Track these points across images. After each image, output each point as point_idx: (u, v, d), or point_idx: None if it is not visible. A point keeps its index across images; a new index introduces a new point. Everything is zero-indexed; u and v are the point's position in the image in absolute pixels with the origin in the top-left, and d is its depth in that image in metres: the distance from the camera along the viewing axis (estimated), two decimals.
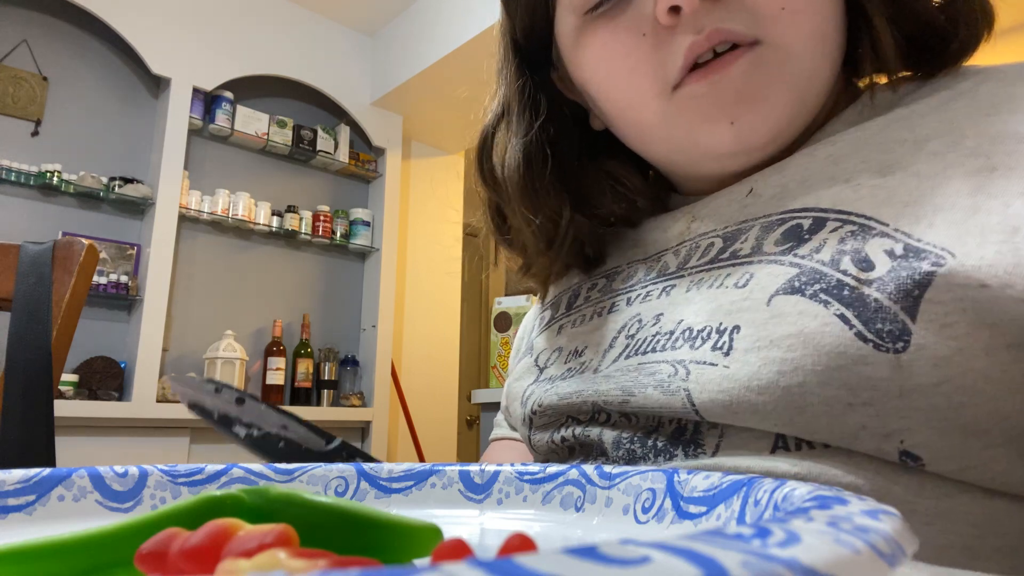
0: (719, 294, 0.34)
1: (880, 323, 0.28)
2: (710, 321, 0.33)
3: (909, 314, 0.27)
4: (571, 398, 0.39)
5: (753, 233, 0.36)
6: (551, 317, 0.47)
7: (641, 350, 0.36)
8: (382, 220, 2.95)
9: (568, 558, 0.08)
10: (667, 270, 0.40)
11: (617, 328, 0.39)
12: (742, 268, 0.34)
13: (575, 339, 0.42)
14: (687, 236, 0.41)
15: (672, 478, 0.24)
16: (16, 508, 0.25)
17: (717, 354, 0.32)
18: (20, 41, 2.31)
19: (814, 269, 0.31)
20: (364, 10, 2.89)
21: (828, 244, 0.31)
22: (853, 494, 0.15)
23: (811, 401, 0.28)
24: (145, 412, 2.21)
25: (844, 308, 0.28)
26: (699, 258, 0.38)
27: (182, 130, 2.44)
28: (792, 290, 0.31)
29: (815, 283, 0.30)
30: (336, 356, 2.79)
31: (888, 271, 0.28)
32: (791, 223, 0.34)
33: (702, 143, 0.39)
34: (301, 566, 0.12)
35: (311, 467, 0.30)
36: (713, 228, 0.39)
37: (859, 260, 0.30)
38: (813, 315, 0.29)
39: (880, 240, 0.30)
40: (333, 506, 0.18)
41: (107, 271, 2.33)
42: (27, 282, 0.69)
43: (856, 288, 0.29)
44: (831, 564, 0.09)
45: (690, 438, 0.34)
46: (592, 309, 0.43)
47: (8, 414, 0.62)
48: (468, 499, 0.29)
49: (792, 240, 0.33)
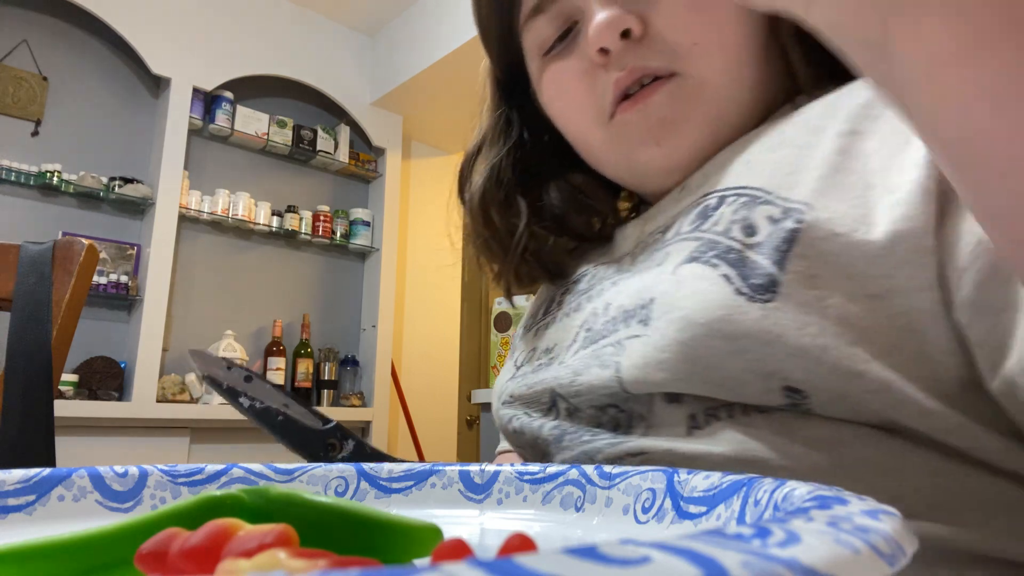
0: (645, 275, 0.39)
1: (754, 279, 0.31)
2: (636, 299, 0.37)
3: (779, 267, 0.31)
4: (535, 387, 0.42)
5: (678, 220, 0.41)
6: (531, 323, 0.52)
7: (595, 339, 0.39)
8: (382, 220, 2.95)
9: (568, 558, 0.08)
10: (620, 268, 0.45)
11: (579, 324, 0.43)
12: (663, 249, 0.39)
13: (546, 339, 0.46)
14: (641, 238, 0.46)
15: (672, 478, 0.24)
16: (16, 508, 0.25)
17: (640, 326, 0.35)
18: (20, 41, 2.31)
19: (711, 240, 0.35)
20: (364, 10, 2.89)
21: (725, 217, 0.35)
22: (853, 494, 0.15)
23: (701, 353, 0.32)
24: (145, 412, 2.21)
25: (728, 268, 0.32)
26: (644, 252, 0.43)
27: (182, 130, 2.44)
28: (692, 259, 0.35)
29: (710, 251, 0.34)
30: (336, 356, 2.79)
31: (768, 234, 0.32)
32: (702, 205, 0.38)
33: (639, 163, 0.45)
34: (301, 566, 0.12)
35: (311, 467, 0.30)
36: (658, 226, 0.44)
37: (746, 227, 0.34)
38: (704, 277, 0.33)
39: (764, 207, 0.34)
40: (333, 506, 0.18)
41: (107, 271, 2.33)
42: (27, 282, 0.69)
43: (741, 252, 0.33)
44: (831, 564, 0.09)
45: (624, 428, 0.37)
46: (562, 311, 0.47)
47: (8, 414, 0.62)
48: (468, 499, 0.29)
49: (700, 219, 0.37)
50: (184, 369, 2.45)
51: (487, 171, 0.53)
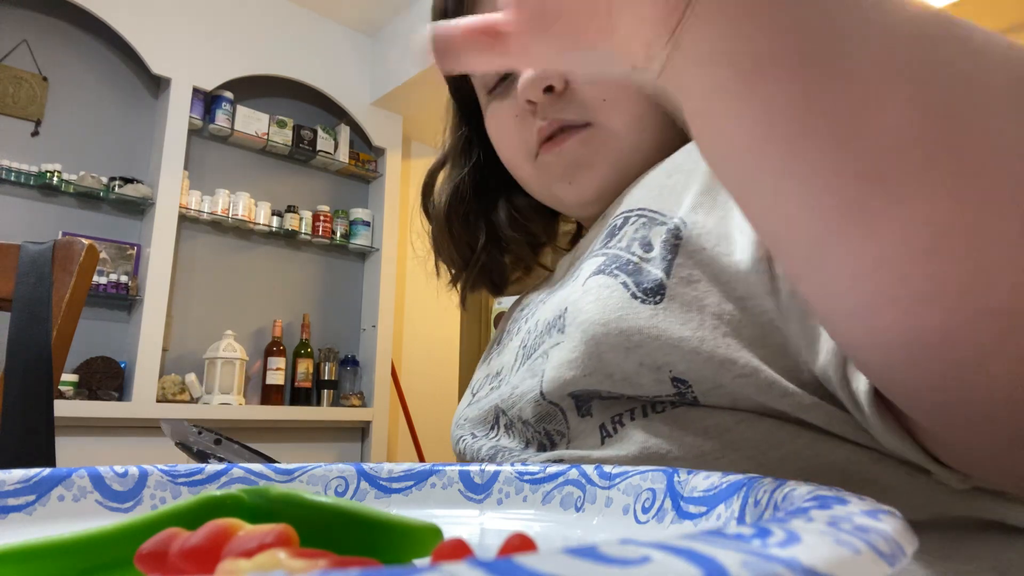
0: (563, 290, 0.43)
1: (646, 284, 0.36)
2: (555, 311, 0.41)
3: (666, 274, 0.35)
4: (483, 407, 0.47)
5: (593, 242, 0.45)
6: (486, 356, 0.57)
7: (528, 354, 0.44)
8: (382, 220, 2.95)
9: (568, 558, 0.08)
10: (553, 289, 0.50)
11: (518, 345, 0.47)
12: (580, 267, 0.43)
13: (495, 365, 0.51)
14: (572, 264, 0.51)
15: (672, 478, 0.24)
16: (16, 508, 0.25)
17: (558, 334, 0.39)
18: (20, 41, 2.31)
19: (615, 255, 0.39)
20: (364, 10, 2.89)
21: (627, 235, 0.40)
22: (853, 494, 0.15)
23: (603, 350, 0.35)
24: (145, 412, 2.21)
25: (626, 277, 0.37)
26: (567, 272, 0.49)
27: (182, 130, 2.44)
28: (598, 271, 0.39)
29: (613, 264, 0.38)
30: (336, 356, 2.79)
31: (659, 249, 0.37)
32: (611, 226, 0.43)
33: (556, 196, 0.53)
34: (301, 566, 0.12)
35: (311, 467, 0.30)
36: (583, 251, 0.49)
37: (644, 244, 0.38)
38: (606, 285, 0.37)
39: (659, 227, 0.38)
40: (333, 506, 0.18)
41: (107, 271, 2.33)
42: (27, 282, 0.69)
43: (638, 264, 0.37)
44: (831, 564, 0.09)
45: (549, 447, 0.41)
46: (509, 338, 0.52)
47: (8, 414, 0.62)
48: (468, 499, 0.29)
49: (608, 237, 0.42)
50: (184, 369, 2.45)
51: (451, 189, 0.61)
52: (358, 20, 2.96)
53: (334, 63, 2.91)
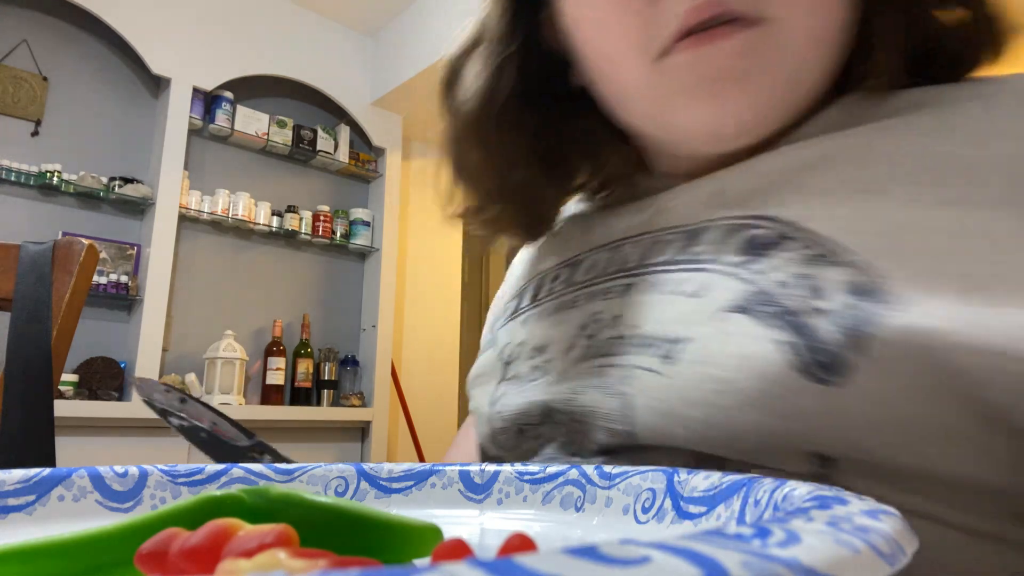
0: (673, 301, 0.33)
1: (822, 356, 0.26)
2: (660, 329, 0.32)
3: (854, 352, 0.26)
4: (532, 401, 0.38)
5: (713, 236, 0.34)
6: (516, 308, 0.45)
7: (599, 353, 0.35)
8: (382, 220, 2.95)
9: (568, 558, 0.08)
10: (626, 264, 0.38)
11: (578, 326, 0.37)
12: (699, 275, 0.33)
13: (537, 334, 0.40)
14: (648, 228, 0.39)
15: (672, 478, 0.24)
16: (16, 508, 0.25)
17: (660, 362, 0.31)
18: (20, 41, 2.31)
19: (766, 290, 0.29)
20: (364, 10, 2.89)
21: (785, 264, 0.29)
22: (853, 494, 0.15)
23: (738, 423, 0.28)
24: (145, 412, 2.20)
25: (788, 334, 0.27)
26: (659, 255, 0.36)
27: (182, 130, 2.44)
28: (741, 308, 0.29)
29: (765, 304, 0.29)
30: (336, 356, 2.79)
31: (843, 305, 0.27)
32: (751, 232, 0.32)
33: (678, 118, 0.36)
34: (301, 566, 0.12)
35: (311, 467, 0.30)
36: (676, 224, 0.37)
37: (814, 288, 0.28)
38: (756, 337, 0.28)
39: (841, 270, 0.28)
40: (333, 506, 0.18)
41: (107, 271, 2.33)
42: (27, 282, 0.69)
43: (805, 316, 0.27)
44: (831, 564, 0.09)
45: None
46: (554, 303, 0.41)
47: (8, 414, 0.62)
48: (468, 499, 0.29)
49: (750, 252, 0.31)
50: (184, 369, 2.45)
51: (488, 77, 0.43)
52: (358, 20, 2.96)
53: (334, 63, 2.91)
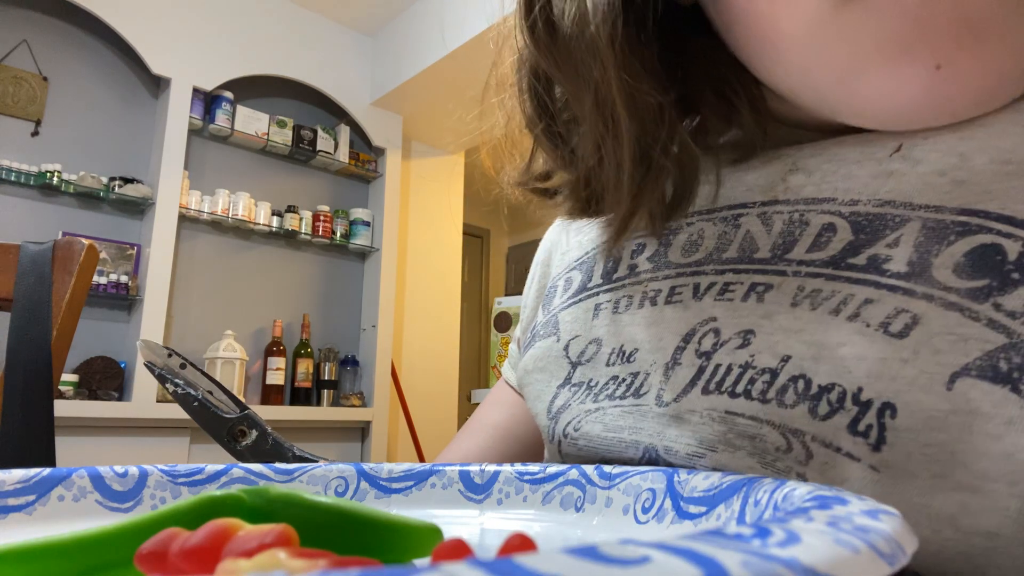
0: (854, 334, 0.22)
1: None
2: (842, 379, 0.21)
3: None
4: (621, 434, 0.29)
5: (909, 235, 0.23)
6: (582, 286, 0.35)
7: (726, 388, 0.25)
8: (382, 220, 2.95)
9: (568, 558, 0.08)
10: (754, 251, 0.27)
11: (682, 334, 0.28)
12: (893, 296, 0.22)
13: (621, 334, 0.31)
14: (782, 195, 0.28)
15: (672, 478, 0.24)
16: (16, 508, 0.25)
17: (860, 443, 0.21)
18: (20, 41, 2.31)
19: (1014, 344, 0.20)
20: (364, 10, 2.89)
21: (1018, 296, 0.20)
22: (853, 494, 0.15)
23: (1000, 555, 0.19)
24: (145, 412, 2.21)
25: None
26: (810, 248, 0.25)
27: (182, 130, 2.44)
28: (994, 376, 0.20)
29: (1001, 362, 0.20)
30: (336, 356, 2.79)
31: None
32: (982, 238, 0.21)
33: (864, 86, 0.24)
34: (301, 566, 0.12)
35: (311, 467, 0.30)
36: (831, 196, 0.26)
37: None
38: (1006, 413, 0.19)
39: None
40: (333, 506, 0.18)
41: (107, 271, 2.33)
42: (27, 282, 0.69)
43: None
44: (831, 564, 0.09)
45: None
46: (641, 292, 0.31)
47: (8, 414, 0.62)
48: (468, 499, 0.29)
49: (988, 274, 0.21)
50: None
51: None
52: (358, 20, 2.96)
53: (334, 63, 2.91)
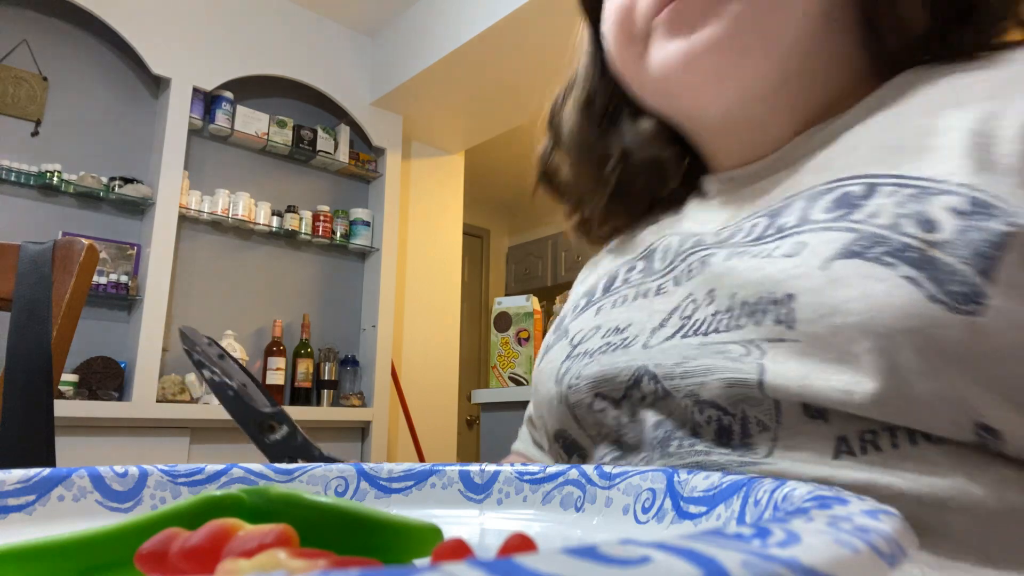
0: (767, 263, 0.32)
1: (952, 285, 0.26)
2: (761, 291, 0.31)
3: (985, 275, 0.25)
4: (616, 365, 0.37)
5: (797, 205, 0.34)
6: (587, 302, 0.46)
7: (700, 330, 0.34)
8: (382, 220, 2.95)
9: (568, 558, 0.08)
10: (703, 242, 0.39)
11: (667, 308, 0.37)
12: (791, 238, 0.32)
13: (615, 317, 0.40)
14: (730, 222, 0.40)
15: (672, 478, 0.24)
16: (16, 508, 0.25)
17: (782, 328, 0.30)
18: (20, 41, 2.31)
19: (874, 233, 0.28)
20: (364, 10, 2.89)
21: (885, 208, 0.29)
22: (853, 494, 0.15)
23: (882, 366, 0.27)
24: (145, 412, 2.21)
25: (911, 269, 0.27)
26: (744, 236, 0.36)
27: (182, 130, 2.44)
28: (851, 254, 0.28)
29: (876, 246, 0.28)
30: (336, 356, 2.79)
31: (957, 231, 0.27)
32: (839, 191, 0.32)
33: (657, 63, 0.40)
34: (301, 566, 0.12)
35: (311, 467, 0.30)
36: (756, 210, 0.38)
37: (922, 222, 0.28)
38: (878, 278, 0.27)
39: (942, 198, 0.28)
40: (333, 506, 0.18)
41: (107, 271, 2.33)
42: (27, 282, 0.69)
43: (923, 250, 0.27)
44: (831, 564, 0.09)
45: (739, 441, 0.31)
46: (634, 291, 0.41)
47: (8, 414, 0.62)
48: (468, 499, 0.29)
49: (843, 207, 0.31)
50: (184, 369, 2.45)
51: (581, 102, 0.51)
52: (358, 20, 2.96)
53: (334, 63, 2.91)
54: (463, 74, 2.72)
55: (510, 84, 2.75)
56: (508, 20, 2.36)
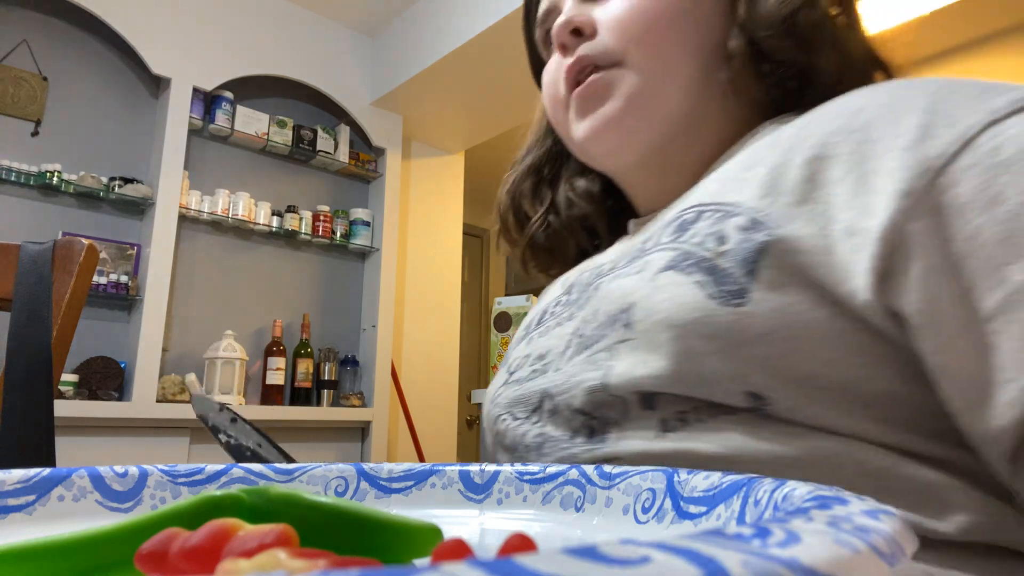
0: (625, 281, 0.41)
1: (727, 285, 0.34)
2: (618, 304, 0.40)
3: (750, 276, 0.34)
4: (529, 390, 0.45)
5: (657, 232, 0.43)
6: (525, 333, 0.55)
7: (587, 344, 0.42)
8: (382, 220, 2.95)
9: (568, 558, 0.08)
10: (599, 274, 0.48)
11: (571, 331, 0.45)
12: (643, 259, 0.41)
13: (539, 345, 0.49)
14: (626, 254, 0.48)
15: (672, 478, 0.24)
16: (16, 508, 0.25)
17: (625, 330, 0.38)
18: (20, 41, 2.31)
19: (687, 251, 0.37)
20: (364, 10, 2.89)
21: (701, 229, 0.38)
22: (853, 494, 0.15)
23: (680, 354, 0.34)
24: (145, 412, 2.21)
25: (702, 276, 0.35)
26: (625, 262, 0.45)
27: (182, 130, 2.44)
28: (670, 267, 0.37)
29: (686, 260, 0.37)
30: (336, 356, 2.79)
31: (736, 243, 0.35)
32: (681, 219, 0.41)
33: (577, 138, 0.51)
34: (301, 566, 0.12)
35: (311, 467, 0.30)
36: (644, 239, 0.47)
37: (718, 238, 0.36)
38: (679, 283, 0.36)
39: (735, 219, 0.36)
40: (333, 506, 0.18)
41: (107, 271, 2.33)
42: (27, 282, 0.69)
43: (713, 260, 0.36)
44: (831, 564, 0.09)
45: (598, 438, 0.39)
46: (555, 321, 0.50)
47: (8, 414, 0.62)
48: (468, 499, 0.29)
49: (679, 231, 0.40)
50: (184, 369, 2.45)
51: (524, 168, 0.63)
52: (358, 20, 2.96)
53: (334, 63, 2.91)
54: (463, 74, 2.72)
55: (510, 84, 2.75)
56: (508, 20, 2.36)
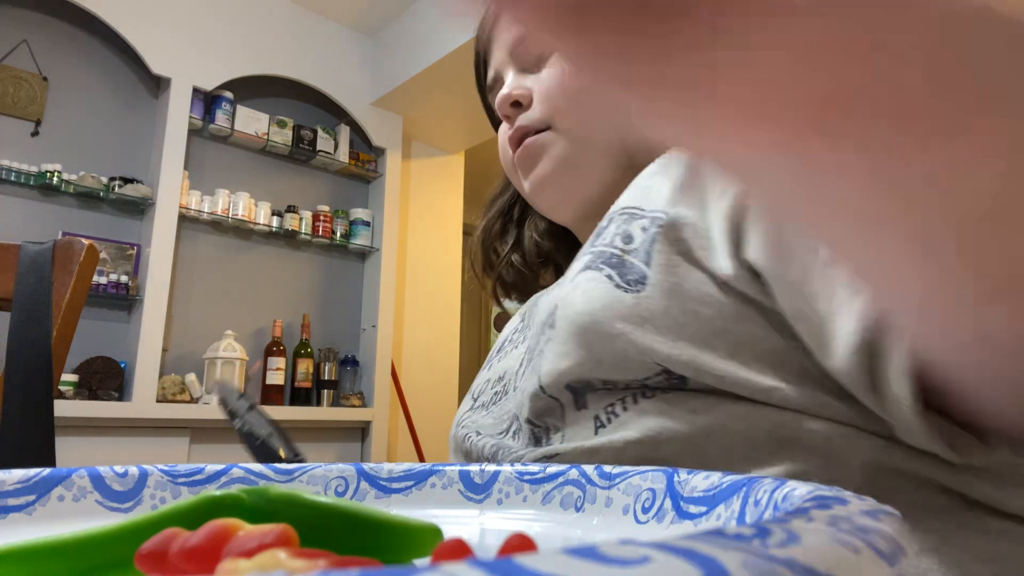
0: (554, 292, 0.45)
1: (630, 275, 0.38)
2: (548, 310, 0.44)
3: (647, 264, 0.38)
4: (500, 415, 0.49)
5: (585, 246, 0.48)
6: (488, 361, 0.60)
7: (531, 357, 0.46)
8: (382, 220, 2.95)
9: (568, 558, 0.08)
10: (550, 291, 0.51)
11: (524, 351, 0.50)
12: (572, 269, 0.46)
13: (498, 369, 0.54)
14: None
15: (672, 478, 0.24)
16: (16, 508, 0.25)
17: (550, 330, 0.41)
18: (20, 41, 2.31)
19: (600, 251, 0.42)
20: (364, 10, 2.89)
21: (611, 232, 0.43)
22: (853, 494, 0.15)
23: (589, 338, 0.38)
24: (145, 412, 2.21)
25: (611, 270, 0.40)
26: None
27: (182, 130, 2.44)
28: (586, 267, 0.42)
29: (598, 259, 0.41)
30: (336, 356, 2.79)
31: (640, 240, 0.40)
32: (598, 228, 0.46)
33: (526, 193, 0.59)
34: (301, 566, 0.12)
35: (311, 467, 0.30)
36: None
37: (625, 237, 0.41)
38: (593, 278, 0.40)
39: (640, 221, 0.41)
40: (333, 506, 0.18)
41: (107, 271, 2.33)
42: (27, 282, 0.69)
43: (621, 256, 0.40)
44: (831, 564, 0.09)
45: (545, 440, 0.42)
46: (512, 346, 0.55)
47: (8, 414, 0.62)
48: (468, 499, 0.29)
49: (595, 237, 0.45)
50: (184, 369, 2.45)
51: (495, 211, 0.71)
52: (358, 20, 2.96)
53: (334, 63, 2.91)
54: (463, 74, 2.72)
55: None
56: None
